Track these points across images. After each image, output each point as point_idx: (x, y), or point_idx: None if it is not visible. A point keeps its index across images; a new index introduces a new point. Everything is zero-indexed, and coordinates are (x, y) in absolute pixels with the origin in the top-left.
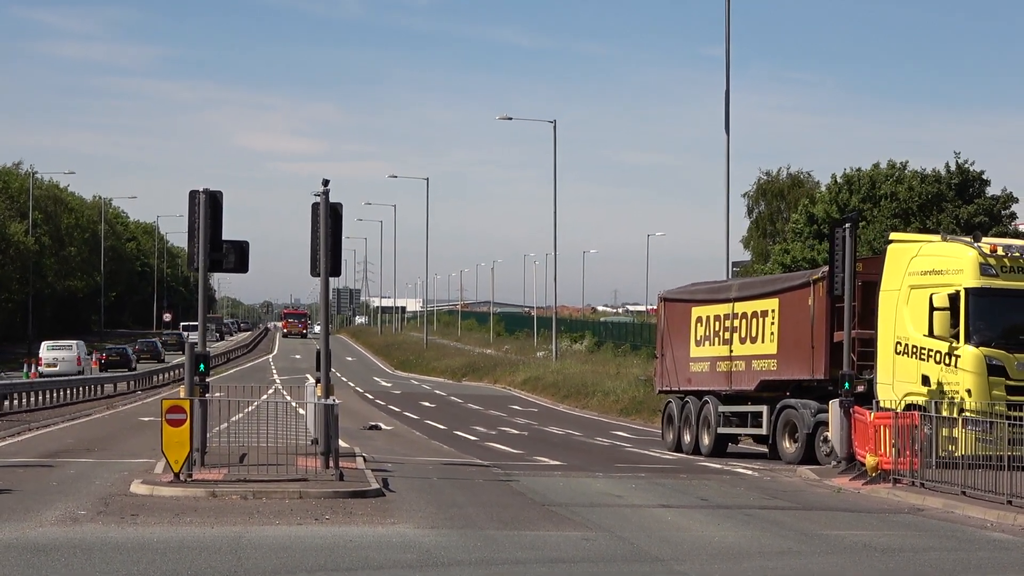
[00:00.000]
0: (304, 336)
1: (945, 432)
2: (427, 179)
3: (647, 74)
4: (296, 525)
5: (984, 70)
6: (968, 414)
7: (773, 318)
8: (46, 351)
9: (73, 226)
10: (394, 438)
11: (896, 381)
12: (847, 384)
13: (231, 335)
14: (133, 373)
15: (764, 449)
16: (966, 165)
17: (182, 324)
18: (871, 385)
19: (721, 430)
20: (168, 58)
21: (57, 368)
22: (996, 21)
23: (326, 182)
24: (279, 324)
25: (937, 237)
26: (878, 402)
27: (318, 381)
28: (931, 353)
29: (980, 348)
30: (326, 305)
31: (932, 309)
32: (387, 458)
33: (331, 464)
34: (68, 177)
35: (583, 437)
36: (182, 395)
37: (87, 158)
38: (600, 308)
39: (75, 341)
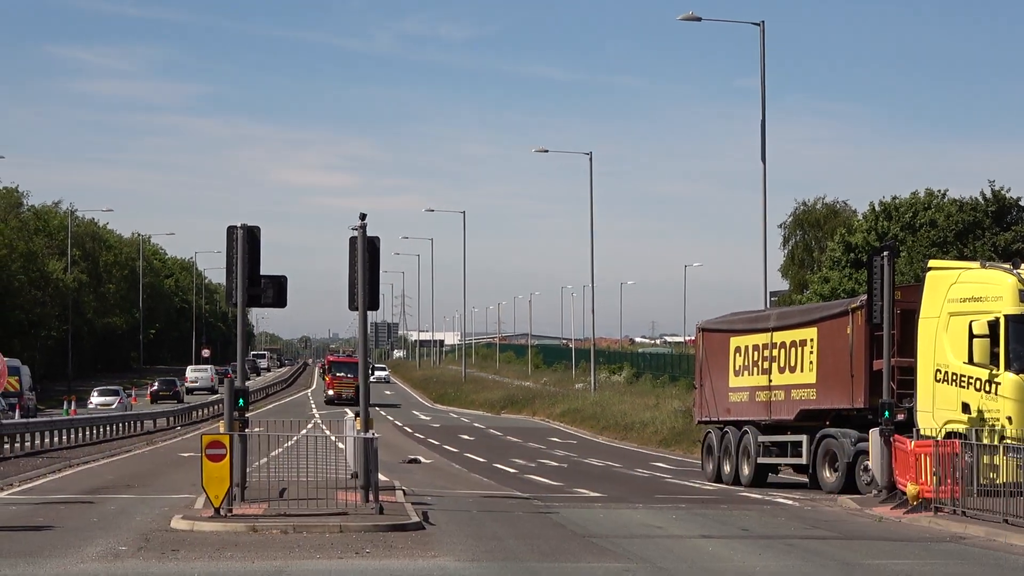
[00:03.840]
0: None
1: (986, 460)
2: (464, 212)
3: (682, 106)
4: (337, 559)
5: (1020, 97)
6: (1009, 441)
7: (812, 347)
8: (190, 372)
9: (112, 263)
10: (433, 471)
11: (936, 409)
12: (887, 413)
13: (283, 366)
14: (173, 409)
15: (804, 479)
16: (1002, 192)
17: (252, 354)
18: (911, 413)
19: (761, 460)
20: (205, 95)
21: (197, 384)
22: None
23: (363, 216)
24: (320, 368)
25: (976, 264)
26: (918, 430)
27: (357, 415)
28: (971, 380)
29: (1020, 375)
30: (364, 339)
31: (972, 336)
32: (427, 491)
33: (371, 498)
34: (106, 215)
35: (623, 468)
36: (222, 430)
37: (125, 195)
38: (638, 339)
39: (209, 365)
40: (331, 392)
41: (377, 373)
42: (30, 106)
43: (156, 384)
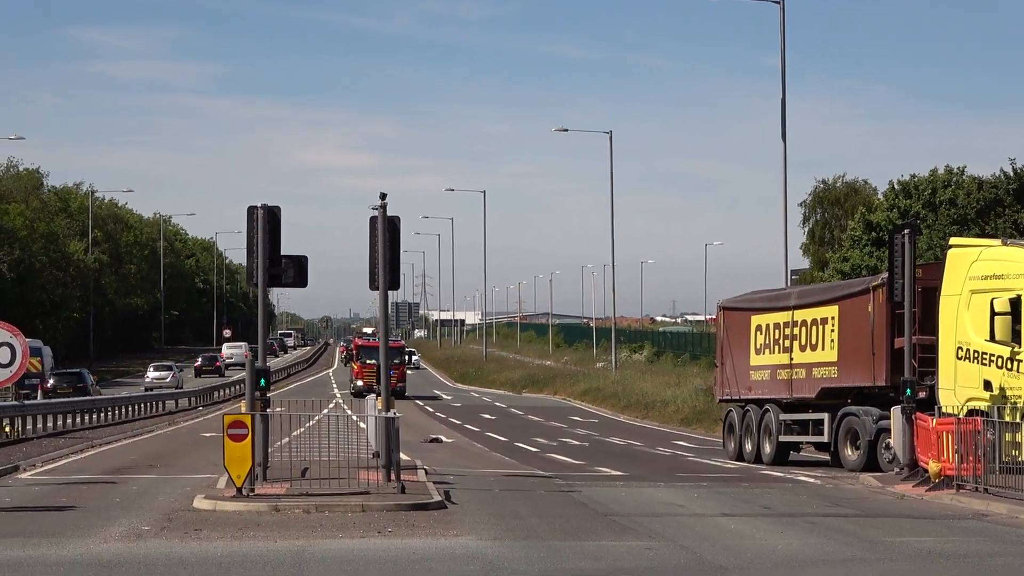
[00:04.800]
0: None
1: (1008, 437)
2: (484, 192)
3: (702, 84)
4: (359, 538)
5: None
6: None
7: (833, 325)
8: (226, 349)
9: (132, 244)
10: (455, 450)
11: (958, 386)
12: (909, 390)
13: (307, 345)
14: (195, 389)
15: (826, 457)
16: (1023, 170)
17: (279, 332)
18: (933, 391)
19: (782, 438)
20: (224, 76)
21: (233, 360)
22: None
23: (383, 196)
24: (343, 352)
25: (997, 242)
26: (940, 408)
27: (378, 395)
28: (993, 358)
29: None
30: (385, 318)
31: (993, 314)
32: (448, 470)
33: (393, 477)
34: (127, 195)
35: (644, 447)
36: (243, 410)
37: (146, 176)
38: (659, 318)
39: (243, 342)
40: (360, 383)
41: (412, 359)
42: (50, 88)
43: (200, 360)
